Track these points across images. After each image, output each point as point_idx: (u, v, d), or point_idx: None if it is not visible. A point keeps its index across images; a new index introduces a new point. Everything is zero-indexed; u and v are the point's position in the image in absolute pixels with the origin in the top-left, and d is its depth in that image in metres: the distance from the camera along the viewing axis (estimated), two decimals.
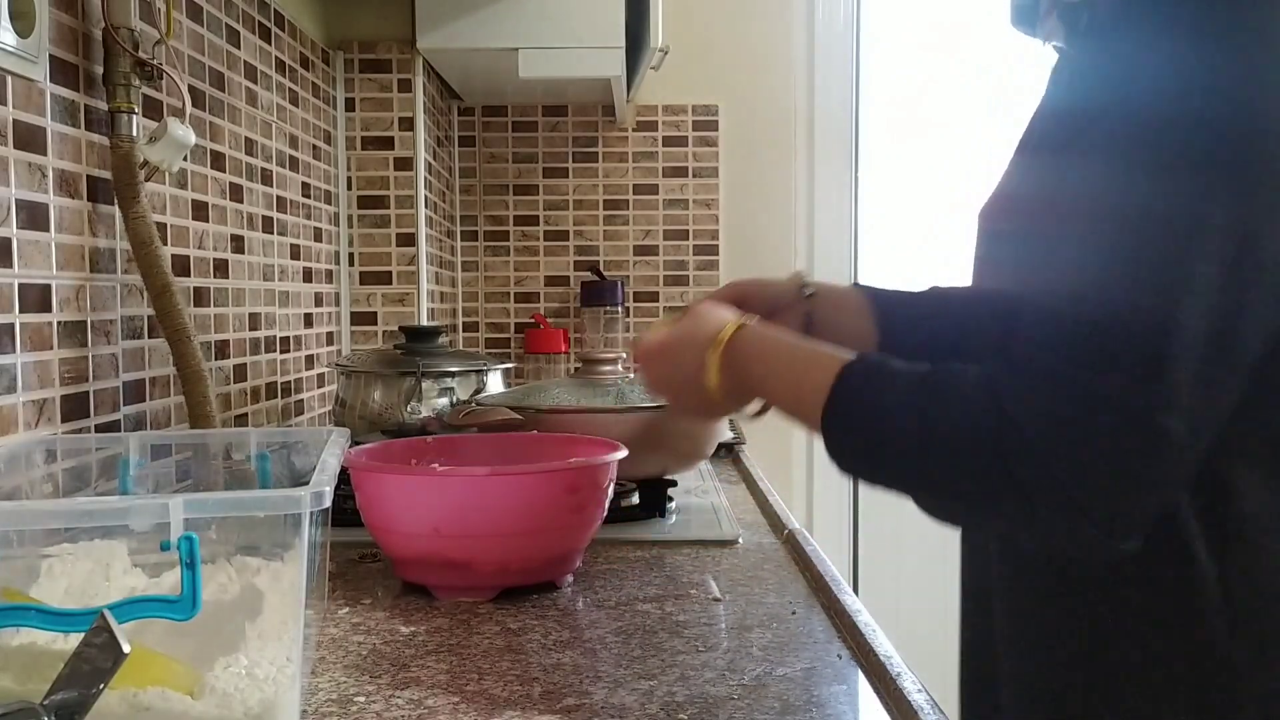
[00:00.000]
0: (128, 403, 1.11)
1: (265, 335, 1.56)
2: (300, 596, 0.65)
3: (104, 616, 0.51)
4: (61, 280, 0.98)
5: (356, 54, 2.01)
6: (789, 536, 1.16)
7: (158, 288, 1.08)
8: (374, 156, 2.03)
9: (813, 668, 0.79)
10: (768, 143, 2.49)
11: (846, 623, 0.87)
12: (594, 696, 0.72)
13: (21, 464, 0.82)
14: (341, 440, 0.83)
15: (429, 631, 0.87)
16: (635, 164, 2.50)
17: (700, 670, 0.77)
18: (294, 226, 1.71)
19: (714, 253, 2.51)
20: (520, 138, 2.50)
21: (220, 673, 0.60)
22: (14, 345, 0.90)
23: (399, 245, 2.04)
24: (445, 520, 0.93)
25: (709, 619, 0.90)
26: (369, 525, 0.99)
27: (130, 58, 1.04)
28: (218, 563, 0.71)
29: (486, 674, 0.77)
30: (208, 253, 1.34)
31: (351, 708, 0.71)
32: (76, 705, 0.50)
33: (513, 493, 0.94)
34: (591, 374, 1.39)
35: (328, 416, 1.81)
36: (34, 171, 0.93)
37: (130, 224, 1.06)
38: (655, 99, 2.48)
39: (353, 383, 1.57)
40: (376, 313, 2.05)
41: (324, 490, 0.63)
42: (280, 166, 1.64)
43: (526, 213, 2.51)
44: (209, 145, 1.34)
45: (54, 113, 0.96)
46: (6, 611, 0.55)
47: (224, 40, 1.40)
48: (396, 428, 1.50)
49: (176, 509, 0.57)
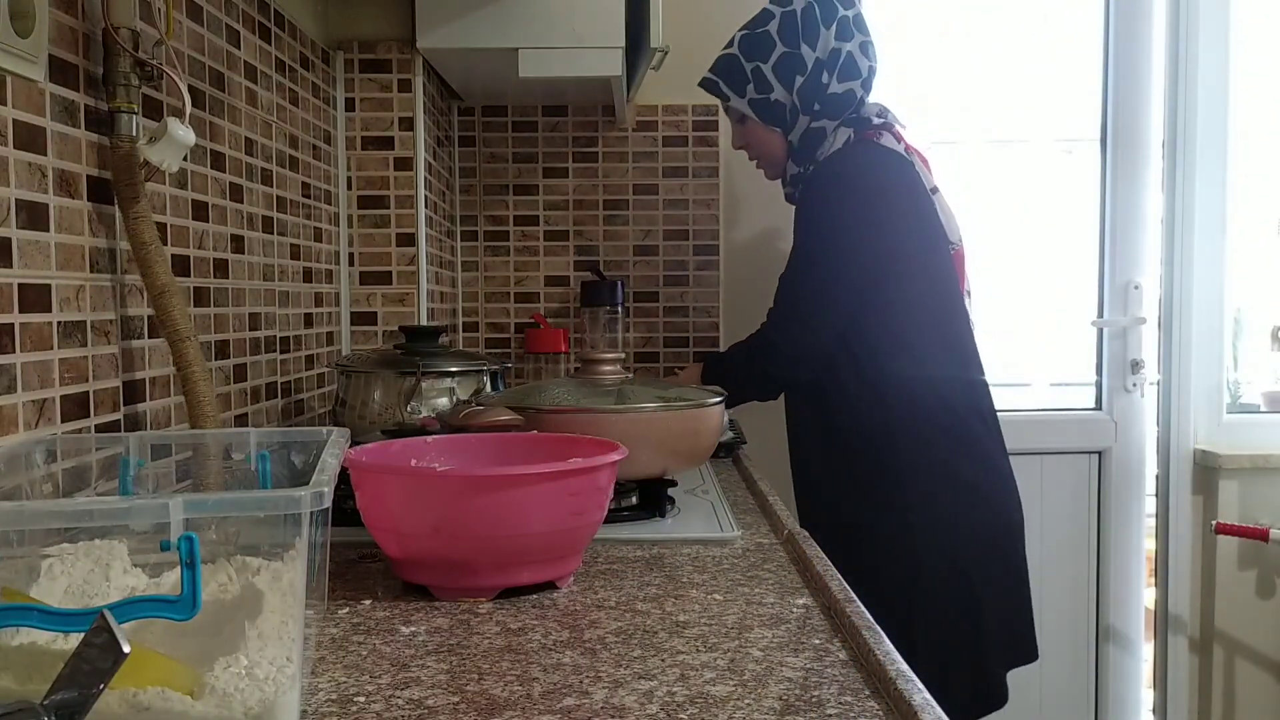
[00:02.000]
0: (128, 403, 1.11)
1: (265, 335, 1.56)
2: (300, 596, 0.65)
3: (104, 616, 0.51)
4: (61, 280, 0.98)
5: (356, 54, 2.01)
6: (789, 536, 1.16)
7: (158, 288, 1.08)
8: (374, 156, 2.03)
9: (813, 668, 0.79)
10: None
11: (846, 623, 0.87)
12: (594, 696, 0.72)
13: (21, 464, 0.82)
14: (341, 440, 0.82)
15: (429, 631, 0.87)
16: (635, 164, 2.50)
17: (700, 670, 0.77)
18: (294, 226, 1.71)
19: (714, 253, 2.51)
20: (520, 138, 2.50)
21: (220, 673, 0.60)
22: (14, 345, 0.90)
23: (399, 245, 2.04)
24: (445, 520, 0.93)
25: (709, 619, 0.90)
26: (369, 525, 0.98)
27: (130, 58, 1.04)
28: (218, 563, 0.71)
29: (486, 674, 0.77)
30: (208, 253, 1.34)
31: (351, 708, 0.71)
32: (76, 705, 0.50)
33: (513, 493, 0.94)
34: (591, 374, 1.39)
35: (328, 416, 1.81)
36: (34, 171, 0.93)
37: (130, 224, 1.06)
38: (655, 99, 2.48)
39: (353, 383, 1.57)
40: (376, 313, 2.05)
41: (324, 490, 0.63)
42: (280, 166, 1.64)
43: (526, 213, 2.51)
44: (209, 145, 1.34)
45: (54, 113, 0.96)
46: (6, 611, 0.55)
47: (224, 40, 1.40)
48: (396, 428, 1.50)
49: (176, 509, 0.57)
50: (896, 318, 1.72)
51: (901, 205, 1.75)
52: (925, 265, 1.76)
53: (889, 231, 1.72)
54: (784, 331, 1.74)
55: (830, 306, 1.71)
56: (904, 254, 1.73)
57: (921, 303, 1.75)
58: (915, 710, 0.68)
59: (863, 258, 1.70)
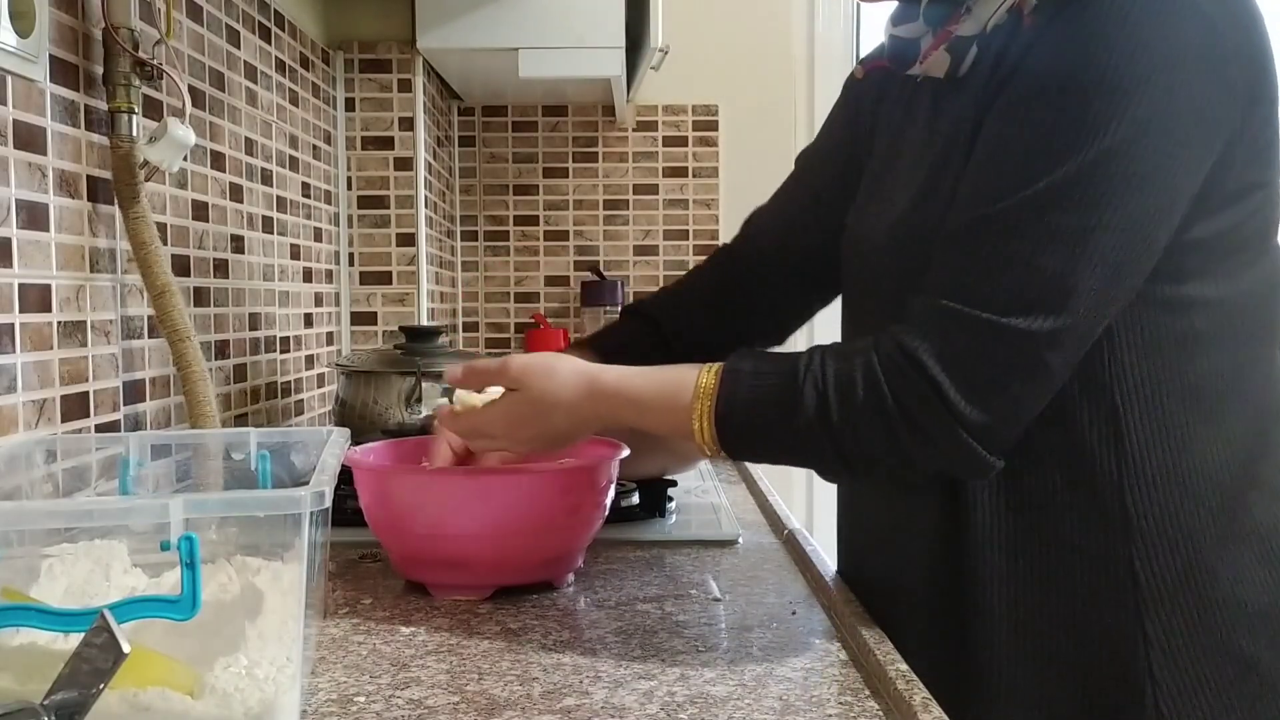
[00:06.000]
0: (128, 403, 1.11)
1: (265, 335, 1.56)
2: (300, 596, 0.65)
3: (104, 616, 0.51)
4: (61, 280, 0.98)
5: (356, 54, 2.01)
6: (789, 536, 1.16)
7: (158, 288, 1.08)
8: (374, 156, 2.03)
9: (813, 668, 0.79)
10: (768, 143, 2.49)
11: (846, 623, 0.86)
12: (594, 696, 0.72)
13: (21, 464, 0.82)
14: (341, 440, 0.83)
15: (429, 631, 0.87)
16: (635, 164, 2.50)
17: (700, 670, 0.77)
18: (294, 226, 1.71)
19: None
20: (520, 138, 2.50)
21: (220, 673, 0.60)
22: (14, 345, 0.90)
23: (399, 245, 2.04)
24: (445, 519, 0.93)
25: (709, 619, 0.90)
26: (370, 525, 0.99)
27: (130, 58, 1.04)
28: (218, 563, 0.71)
29: (486, 674, 0.77)
30: (208, 253, 1.34)
31: (351, 708, 0.71)
32: (76, 705, 0.50)
33: (513, 493, 0.94)
34: None
35: (328, 416, 1.81)
36: (34, 171, 0.93)
37: (130, 224, 1.06)
38: (655, 99, 2.48)
39: (353, 383, 1.57)
40: (376, 313, 2.05)
41: (324, 490, 0.63)
42: (280, 166, 1.64)
43: (526, 213, 2.51)
44: (209, 145, 1.34)
45: (54, 113, 0.96)
46: (6, 611, 0.55)
47: (224, 40, 1.40)
48: (396, 428, 1.50)
49: (176, 509, 0.57)
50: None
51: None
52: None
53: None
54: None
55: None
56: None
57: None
58: (915, 710, 0.68)
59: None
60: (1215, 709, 0.82)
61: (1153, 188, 0.75)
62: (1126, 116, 0.74)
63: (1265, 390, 0.86)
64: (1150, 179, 0.75)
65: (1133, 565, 0.82)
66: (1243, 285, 0.83)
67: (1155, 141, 0.75)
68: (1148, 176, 0.75)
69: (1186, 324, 0.81)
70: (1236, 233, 0.82)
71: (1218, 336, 0.83)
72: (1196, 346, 0.82)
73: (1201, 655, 0.82)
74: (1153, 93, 0.74)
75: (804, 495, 2.51)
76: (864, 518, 1.00)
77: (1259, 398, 0.86)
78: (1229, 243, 0.82)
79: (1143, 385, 0.81)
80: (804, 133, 2.50)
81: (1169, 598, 0.82)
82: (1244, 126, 0.79)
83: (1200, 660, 0.82)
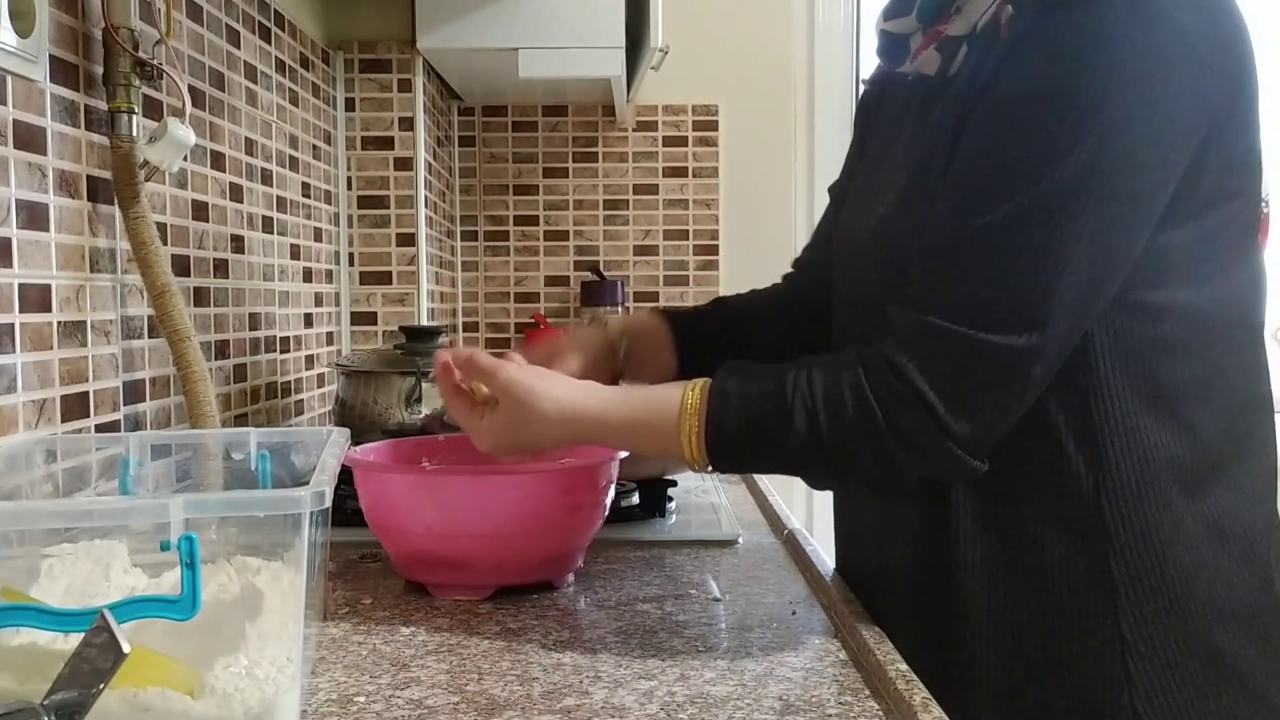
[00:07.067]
0: (128, 403, 1.11)
1: (265, 335, 1.56)
2: (300, 596, 0.65)
3: (104, 616, 0.51)
4: (61, 280, 0.98)
5: (356, 54, 2.01)
6: (789, 536, 1.16)
7: (158, 288, 1.08)
8: (374, 156, 2.03)
9: (813, 668, 0.79)
10: (768, 143, 2.49)
11: (846, 622, 0.86)
12: (594, 696, 0.72)
13: (21, 464, 0.82)
14: (341, 440, 0.83)
15: (429, 631, 0.87)
16: (635, 164, 2.50)
17: (700, 670, 0.77)
18: (294, 226, 1.71)
19: (714, 253, 2.51)
20: (520, 138, 2.50)
21: (220, 673, 0.60)
22: (14, 345, 0.90)
23: (399, 245, 2.04)
24: (445, 519, 0.93)
25: (709, 619, 0.90)
26: (370, 525, 0.99)
27: (130, 58, 1.04)
28: (218, 563, 0.71)
29: (486, 674, 0.77)
30: (208, 253, 1.34)
31: (351, 708, 0.71)
32: (76, 705, 0.50)
33: (512, 493, 0.94)
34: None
35: (328, 416, 1.81)
36: (34, 171, 0.93)
37: (130, 224, 1.06)
38: (655, 99, 2.47)
39: (353, 383, 1.57)
40: (376, 313, 2.05)
41: (324, 490, 0.63)
42: (280, 166, 1.64)
43: (526, 213, 2.51)
44: (209, 145, 1.34)
45: (54, 113, 0.96)
46: (6, 611, 0.55)
47: (224, 40, 1.40)
48: (396, 428, 1.50)
49: (176, 509, 0.57)
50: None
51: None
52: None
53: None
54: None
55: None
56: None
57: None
58: (915, 710, 0.68)
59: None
60: (1192, 707, 0.82)
61: (1126, 201, 0.77)
62: (1099, 131, 0.75)
63: (1240, 393, 0.87)
64: (1123, 192, 0.76)
65: (1109, 567, 0.82)
66: (1218, 292, 0.84)
67: (1128, 155, 0.76)
68: (1120, 190, 0.76)
69: (1160, 330, 0.82)
70: (1211, 241, 0.82)
71: (1191, 342, 0.83)
72: (1170, 351, 0.82)
73: (1177, 655, 0.82)
74: (1124, 107, 0.75)
75: (804, 495, 2.51)
76: (855, 517, 1.02)
77: (1233, 400, 0.86)
78: (1202, 251, 0.82)
79: (1117, 390, 0.82)
80: (804, 133, 2.50)
81: (1144, 599, 0.82)
82: (1217, 136, 0.79)
83: (1176, 660, 0.82)
